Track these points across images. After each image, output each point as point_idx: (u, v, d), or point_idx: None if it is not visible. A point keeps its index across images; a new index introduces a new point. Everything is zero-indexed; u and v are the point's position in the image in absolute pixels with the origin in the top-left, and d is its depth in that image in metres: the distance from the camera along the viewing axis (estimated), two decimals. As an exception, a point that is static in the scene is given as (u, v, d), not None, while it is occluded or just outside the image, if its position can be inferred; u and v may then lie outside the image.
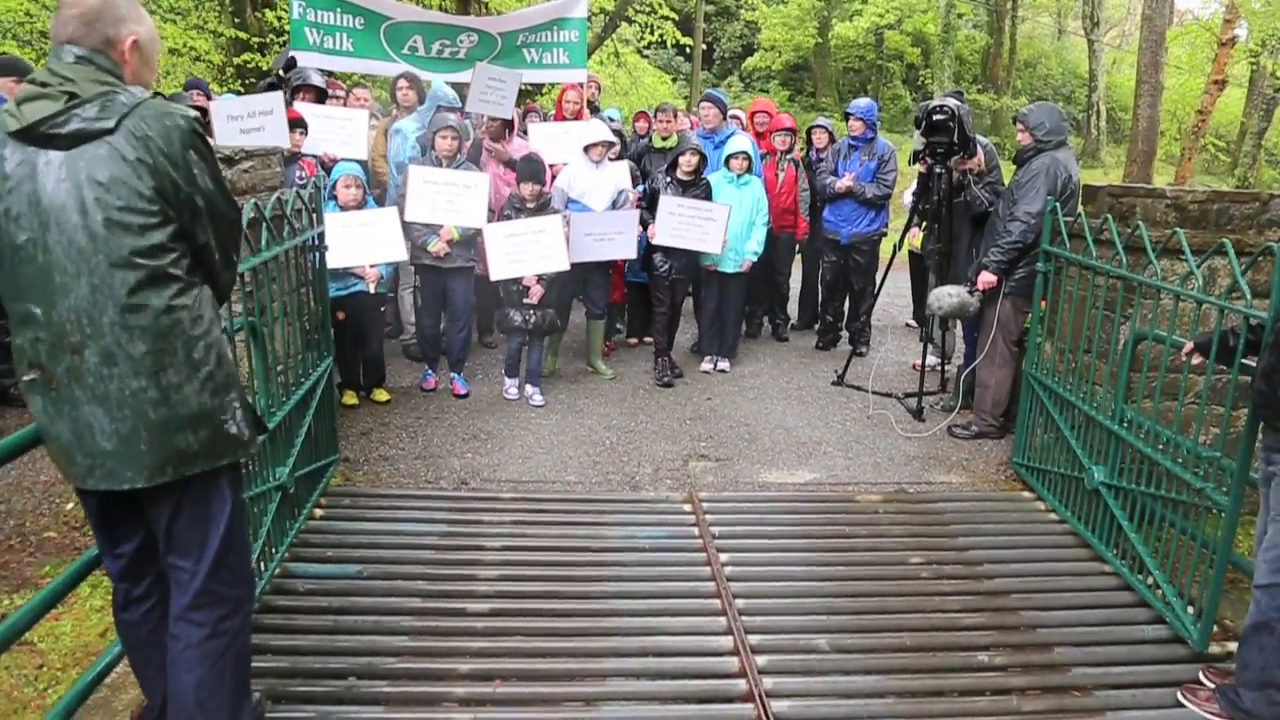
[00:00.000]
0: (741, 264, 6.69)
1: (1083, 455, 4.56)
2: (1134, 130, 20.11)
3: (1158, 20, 19.32)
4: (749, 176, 6.68)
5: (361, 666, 3.29)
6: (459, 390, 6.26)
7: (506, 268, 5.83)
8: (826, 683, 3.31)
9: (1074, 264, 4.75)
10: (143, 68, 2.30)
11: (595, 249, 6.25)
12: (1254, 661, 3.07)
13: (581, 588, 3.90)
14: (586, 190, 6.44)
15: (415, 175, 5.82)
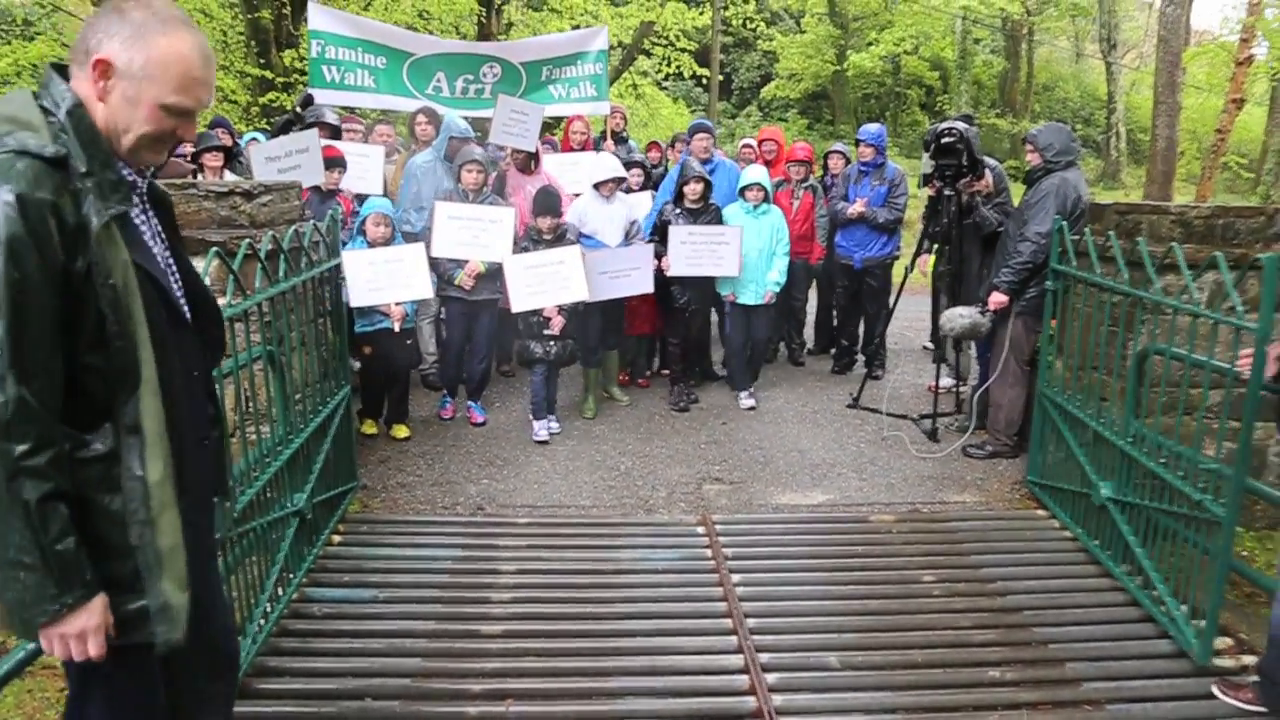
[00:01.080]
0: (764, 295, 6.61)
1: (1091, 471, 4.56)
2: (1152, 151, 20.06)
3: (1173, 41, 19.33)
4: (766, 206, 6.63)
5: (376, 687, 3.35)
6: (476, 419, 6.29)
7: (527, 299, 5.83)
8: (836, 699, 3.33)
9: (1081, 282, 4.78)
10: (122, 109, 1.79)
11: (612, 286, 6.19)
12: None
13: (595, 609, 3.95)
14: (599, 227, 6.42)
15: (441, 211, 5.85)
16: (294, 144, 5.80)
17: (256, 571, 3.55)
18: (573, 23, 18.96)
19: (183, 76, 1.81)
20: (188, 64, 1.81)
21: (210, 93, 1.87)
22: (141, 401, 1.83)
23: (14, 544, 1.71)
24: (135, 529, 1.84)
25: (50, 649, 1.83)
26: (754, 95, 32.78)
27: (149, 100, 1.80)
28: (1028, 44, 30.98)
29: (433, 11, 18.44)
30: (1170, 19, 19.28)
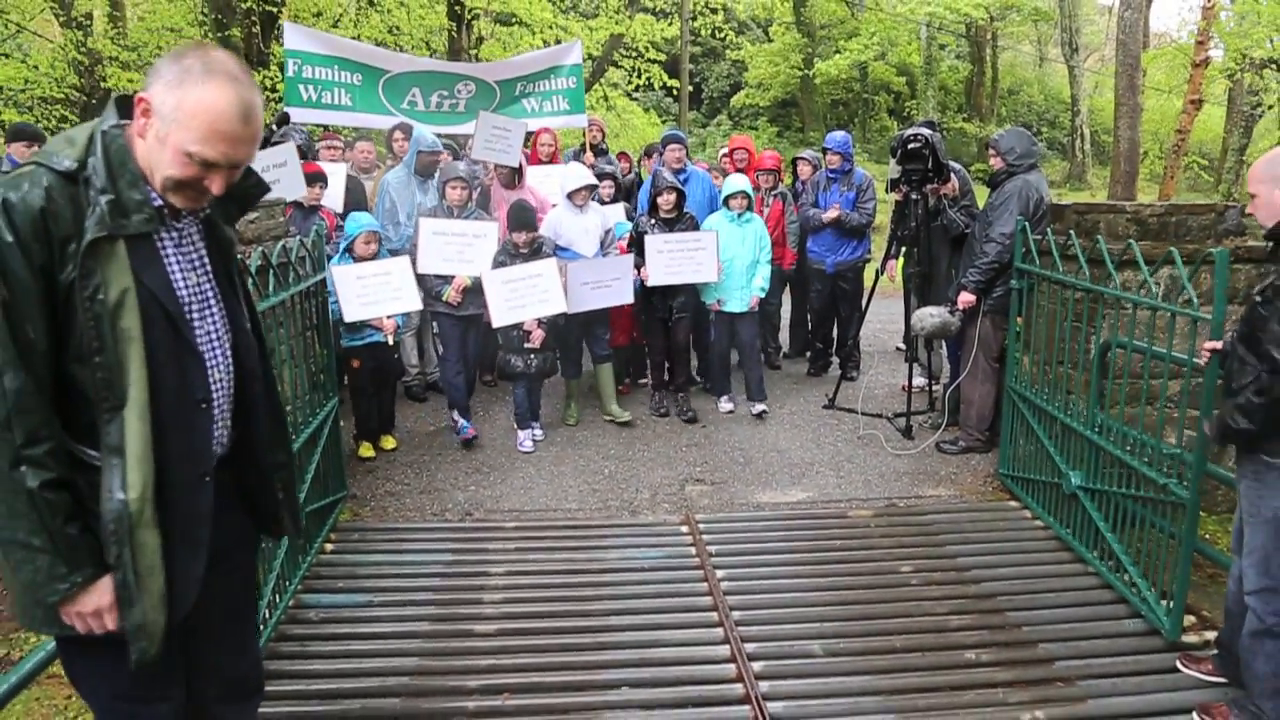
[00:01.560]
0: (749, 301, 6.63)
1: (1060, 462, 4.74)
2: (1115, 152, 20.48)
3: (1131, 44, 19.74)
4: (750, 214, 6.66)
5: (374, 687, 3.45)
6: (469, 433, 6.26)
7: (507, 314, 5.83)
8: (819, 684, 3.47)
9: (1044, 279, 4.96)
10: (154, 148, 1.85)
11: (593, 297, 6.20)
12: (1263, 670, 3.14)
13: (584, 606, 4.07)
14: (574, 238, 6.41)
15: (425, 227, 5.87)
16: (271, 158, 5.78)
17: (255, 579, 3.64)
18: (542, 37, 19.13)
19: (209, 127, 1.81)
20: (217, 116, 1.81)
21: (245, 149, 1.88)
22: (126, 423, 1.83)
23: (22, 528, 1.81)
24: (113, 548, 1.86)
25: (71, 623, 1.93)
26: (724, 104, 33.05)
27: (174, 144, 1.82)
28: (991, 49, 31.47)
29: (403, 27, 18.51)
30: (1128, 23, 19.72)
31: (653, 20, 19.86)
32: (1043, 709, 3.32)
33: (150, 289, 1.86)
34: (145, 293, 1.84)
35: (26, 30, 19.03)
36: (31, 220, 1.75)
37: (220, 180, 1.89)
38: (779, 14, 30.51)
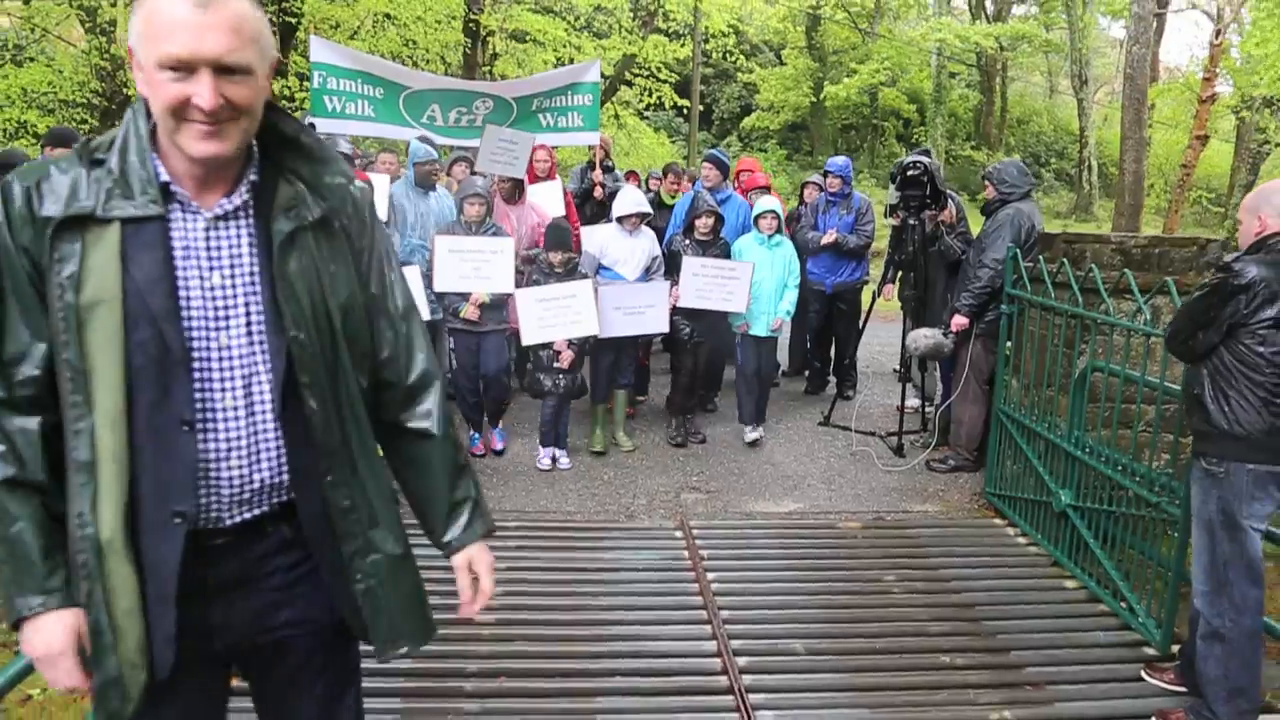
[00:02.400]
0: (773, 323, 6.57)
1: (1050, 481, 4.93)
2: (1120, 185, 20.69)
3: (1139, 79, 19.98)
4: (780, 237, 6.60)
5: (380, 667, 3.63)
6: (496, 445, 6.35)
7: (538, 333, 5.83)
8: (800, 679, 3.66)
9: (1034, 305, 5.17)
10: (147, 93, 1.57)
11: (625, 323, 6.12)
12: (1215, 673, 3.31)
13: (579, 602, 4.26)
14: (619, 259, 6.40)
15: (441, 245, 5.86)
16: None
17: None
18: (555, 54, 19.46)
19: (169, 22, 1.49)
20: (168, 6, 1.49)
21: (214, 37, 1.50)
22: (96, 436, 1.54)
23: None
24: (84, 584, 1.57)
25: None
26: (734, 125, 33.38)
27: (149, 66, 1.52)
28: (1001, 79, 31.81)
29: (420, 41, 18.81)
30: (1136, 58, 19.96)
31: (666, 41, 20.19)
32: (1010, 709, 3.50)
33: (139, 283, 1.55)
34: (133, 286, 1.54)
35: (51, 35, 19.45)
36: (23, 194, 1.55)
37: (207, 88, 1.50)
38: (791, 39, 30.91)
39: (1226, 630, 3.29)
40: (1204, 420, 3.31)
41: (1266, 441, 3.16)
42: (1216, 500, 3.29)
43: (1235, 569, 3.29)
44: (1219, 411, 3.21)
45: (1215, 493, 3.30)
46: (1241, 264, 3.16)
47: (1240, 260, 3.17)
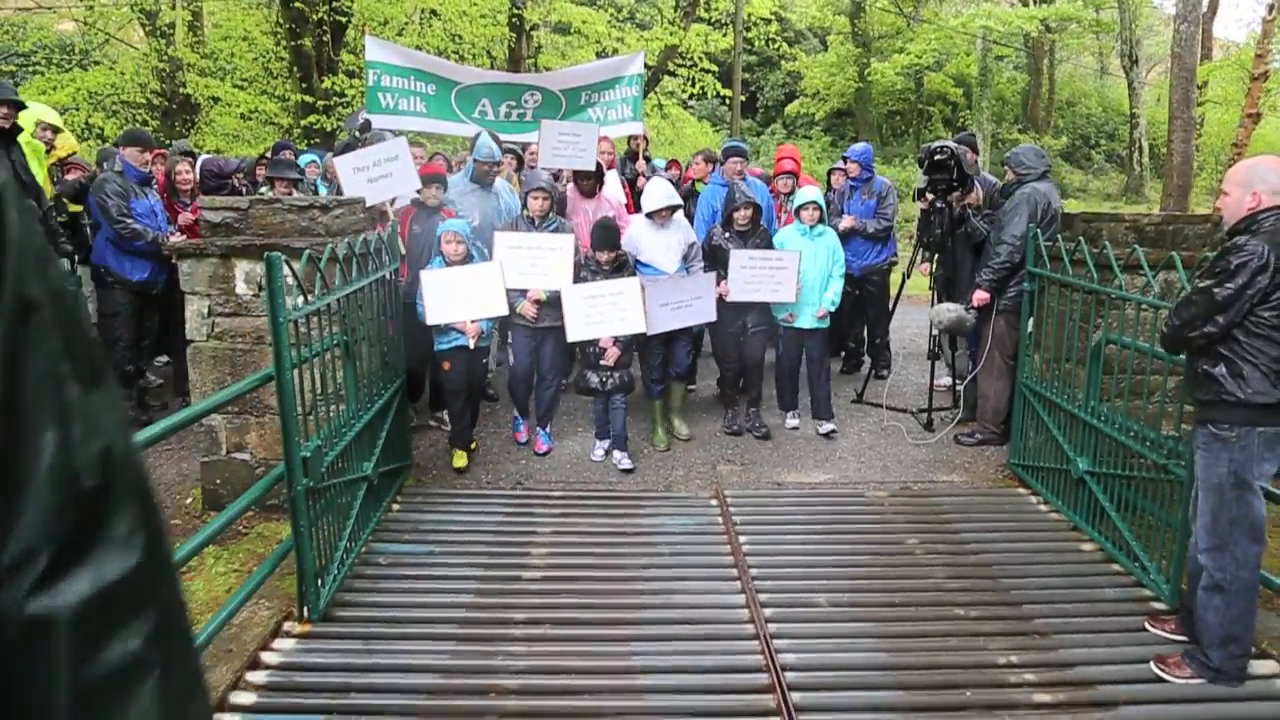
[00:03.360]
0: (818, 312, 6.48)
1: (1069, 449, 5.15)
2: (1169, 165, 20.52)
3: (1187, 58, 19.78)
4: (822, 227, 6.55)
5: (435, 616, 4.01)
6: (541, 447, 6.24)
7: (584, 329, 5.83)
8: (821, 628, 3.96)
9: (1053, 282, 5.38)
10: None
11: (673, 318, 6.07)
12: (1212, 621, 3.56)
13: (619, 561, 4.60)
14: (654, 255, 6.33)
15: (500, 241, 5.84)
16: (382, 153, 5.85)
17: (334, 526, 4.22)
18: (597, 47, 19.75)
19: None
20: None
21: None
22: None
23: None
24: None
25: None
26: (779, 113, 33.43)
27: None
28: (1049, 61, 31.46)
29: (465, 36, 19.20)
30: (1184, 36, 19.74)
31: (709, 30, 20.38)
32: (1017, 654, 3.77)
33: None
34: None
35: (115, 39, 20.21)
36: None
37: None
38: (836, 25, 30.86)
39: (1227, 583, 3.52)
40: (1216, 391, 3.50)
41: (1276, 406, 3.39)
42: (1228, 463, 3.50)
43: (1239, 527, 3.51)
44: (1234, 382, 3.40)
45: (1226, 455, 3.50)
46: (1255, 244, 3.35)
47: (1250, 241, 3.36)
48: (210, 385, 4.97)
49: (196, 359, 5.02)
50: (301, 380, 3.84)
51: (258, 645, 3.72)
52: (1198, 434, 3.66)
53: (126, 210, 6.02)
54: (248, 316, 4.95)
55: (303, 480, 3.78)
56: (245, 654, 3.64)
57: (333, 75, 17.33)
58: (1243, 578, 3.53)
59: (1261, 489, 3.54)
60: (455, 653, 3.74)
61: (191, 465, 5.73)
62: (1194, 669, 3.63)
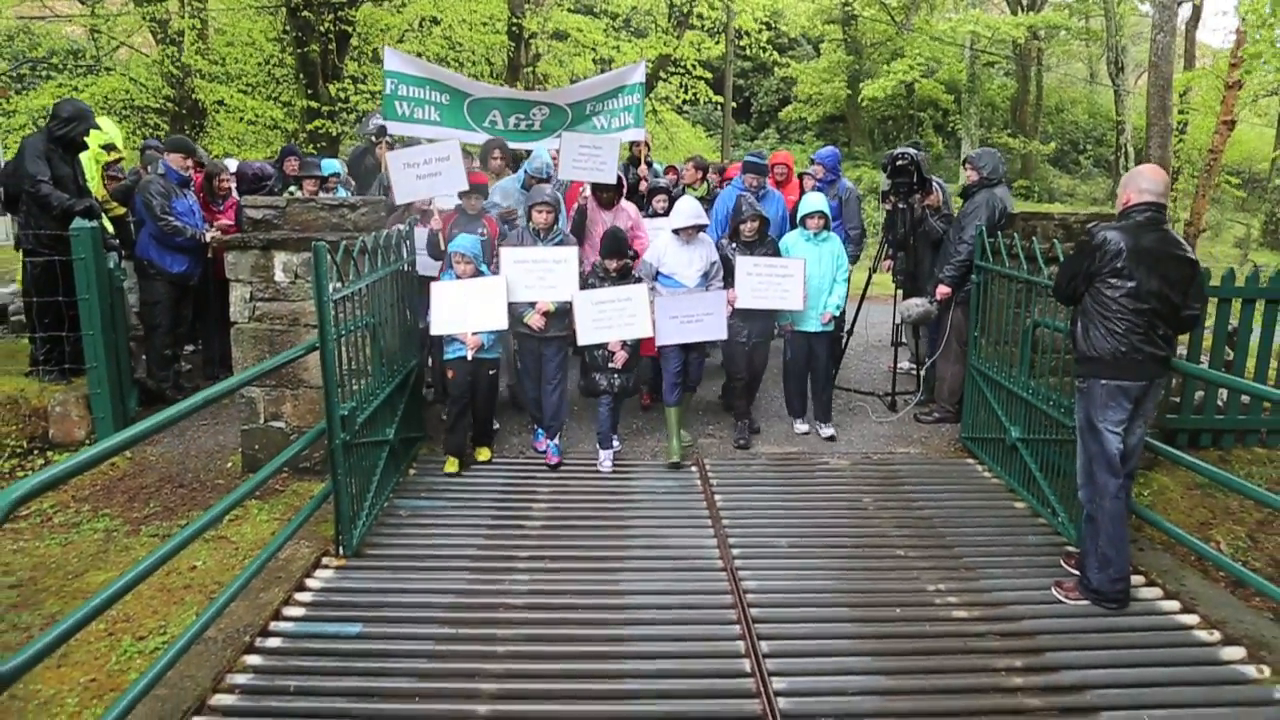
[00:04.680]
0: (822, 316, 6.64)
1: (1005, 420, 5.85)
2: (1146, 171, 21.15)
3: (1164, 67, 20.41)
4: (827, 234, 6.71)
5: (449, 557, 4.70)
6: (551, 460, 6.23)
7: (593, 334, 5.99)
8: (780, 562, 4.67)
9: (995, 274, 6.08)
10: None
11: (682, 331, 6.22)
12: (1090, 548, 4.31)
13: (609, 513, 5.30)
14: (677, 268, 6.42)
15: (507, 257, 5.97)
16: (435, 153, 6.05)
17: (363, 480, 4.90)
18: (594, 54, 20.43)
19: None
20: None
21: None
22: None
23: None
24: None
25: None
26: (773, 118, 34.15)
27: None
28: (1036, 68, 32.17)
29: (465, 44, 19.79)
30: (1161, 46, 20.41)
31: (704, 37, 21.05)
32: (945, 583, 4.46)
33: None
34: None
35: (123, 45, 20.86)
36: None
37: None
38: (828, 33, 31.58)
39: (1096, 512, 4.29)
40: (1077, 349, 4.32)
41: (1114, 363, 4.15)
42: (1084, 409, 4.33)
43: (1098, 462, 4.28)
44: (1083, 340, 4.20)
45: (1082, 403, 4.34)
46: (1098, 229, 4.16)
47: (1100, 226, 4.16)
48: (251, 361, 5.65)
49: (239, 338, 5.70)
50: (338, 352, 4.53)
51: (302, 574, 4.42)
52: (1079, 385, 4.40)
53: (169, 209, 6.70)
54: (285, 301, 5.63)
55: (340, 435, 4.48)
56: (293, 580, 4.34)
57: (338, 82, 18.02)
58: (1105, 505, 4.26)
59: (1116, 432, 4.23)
60: (470, 581, 4.43)
61: (226, 436, 6.42)
62: (1081, 591, 4.35)
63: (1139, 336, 4.12)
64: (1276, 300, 6.33)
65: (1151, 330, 4.13)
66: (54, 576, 4.43)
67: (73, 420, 6.12)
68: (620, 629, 4.01)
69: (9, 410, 6.01)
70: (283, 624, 4.00)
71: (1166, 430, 6.20)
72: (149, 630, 3.95)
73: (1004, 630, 4.05)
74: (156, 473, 5.82)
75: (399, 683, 3.56)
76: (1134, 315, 4.09)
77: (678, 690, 3.55)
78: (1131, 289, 4.07)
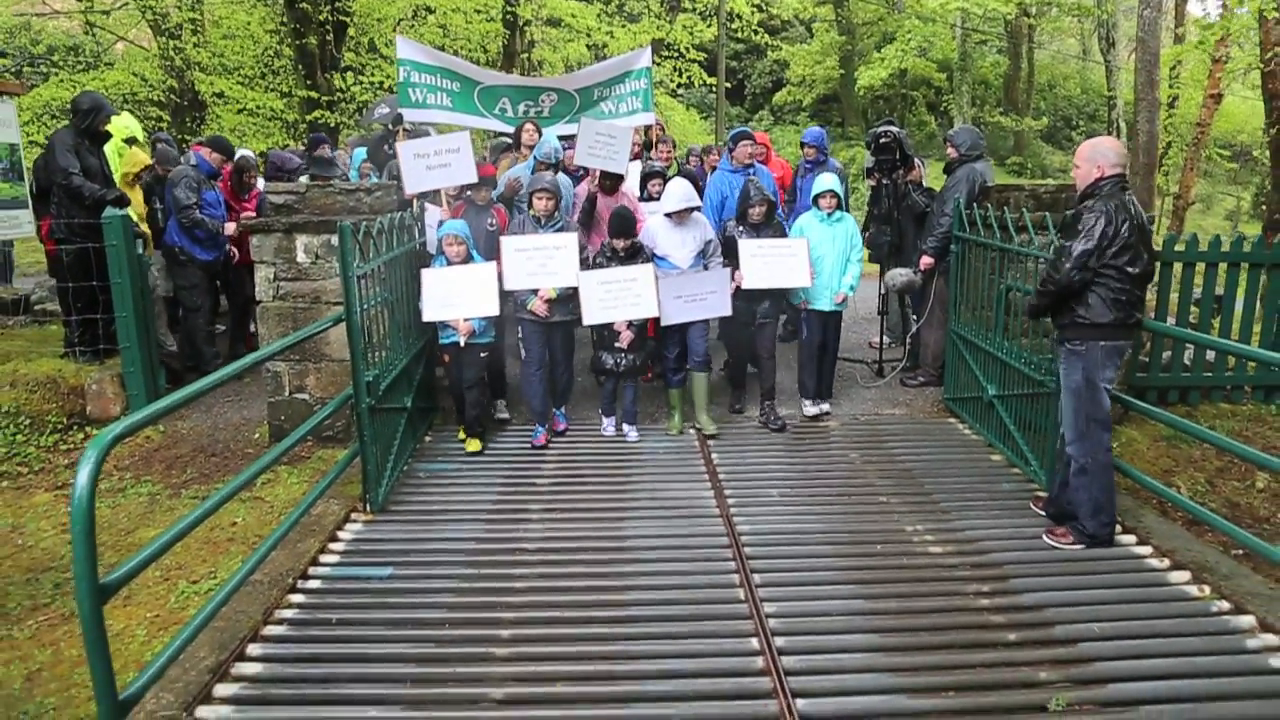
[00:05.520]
0: (836, 296, 6.69)
1: (982, 379, 6.26)
2: (1134, 145, 21.49)
3: (1150, 42, 20.71)
4: (840, 213, 6.76)
5: (469, 507, 5.11)
6: (559, 426, 6.54)
7: (599, 314, 6.10)
8: (771, 509, 5.08)
9: (971, 243, 6.47)
10: None
11: (687, 310, 6.30)
12: (1083, 497, 4.66)
13: (615, 470, 5.72)
14: (670, 250, 6.46)
15: (507, 245, 6.03)
16: (445, 144, 6.19)
17: (385, 443, 5.30)
18: (588, 40, 20.70)
19: None
20: None
21: None
22: None
23: None
24: None
25: None
26: (766, 100, 34.41)
27: None
28: (1028, 45, 32.40)
29: (459, 31, 19.99)
30: (1148, 21, 20.70)
31: (696, 20, 21.34)
32: (922, 524, 4.88)
33: None
34: None
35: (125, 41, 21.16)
36: None
37: None
38: (820, 14, 31.81)
39: (1089, 465, 4.62)
40: (1071, 316, 4.60)
41: (1114, 326, 4.50)
42: (1081, 370, 4.61)
43: (1094, 420, 4.62)
44: (1083, 308, 4.50)
45: (1080, 364, 4.61)
46: (1097, 210, 4.39)
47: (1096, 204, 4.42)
48: (275, 336, 6.05)
49: (264, 316, 6.10)
50: (361, 323, 4.92)
51: (334, 527, 4.83)
52: (1059, 351, 4.76)
53: (196, 201, 7.12)
54: (306, 280, 6.02)
55: (366, 399, 4.88)
56: (325, 533, 4.75)
57: (336, 72, 18.31)
58: (1099, 458, 4.62)
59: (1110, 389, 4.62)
60: (487, 530, 4.85)
61: (252, 410, 6.82)
62: (1075, 537, 4.71)
63: (1136, 301, 4.50)
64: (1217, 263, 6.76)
65: (1142, 293, 4.51)
66: (108, 533, 4.84)
67: (108, 397, 6.52)
68: (626, 567, 4.42)
69: (49, 389, 6.40)
70: (320, 569, 4.41)
71: (1136, 388, 6.59)
72: (200, 575, 4.37)
73: (975, 563, 4.46)
74: (189, 444, 6.23)
75: (430, 614, 3.97)
76: (1133, 283, 4.45)
77: (679, 615, 3.96)
78: (1131, 259, 4.40)
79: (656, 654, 3.66)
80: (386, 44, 19.66)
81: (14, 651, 3.74)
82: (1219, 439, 4.62)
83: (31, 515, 5.12)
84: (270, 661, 3.61)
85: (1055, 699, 3.31)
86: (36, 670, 3.61)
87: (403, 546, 4.66)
